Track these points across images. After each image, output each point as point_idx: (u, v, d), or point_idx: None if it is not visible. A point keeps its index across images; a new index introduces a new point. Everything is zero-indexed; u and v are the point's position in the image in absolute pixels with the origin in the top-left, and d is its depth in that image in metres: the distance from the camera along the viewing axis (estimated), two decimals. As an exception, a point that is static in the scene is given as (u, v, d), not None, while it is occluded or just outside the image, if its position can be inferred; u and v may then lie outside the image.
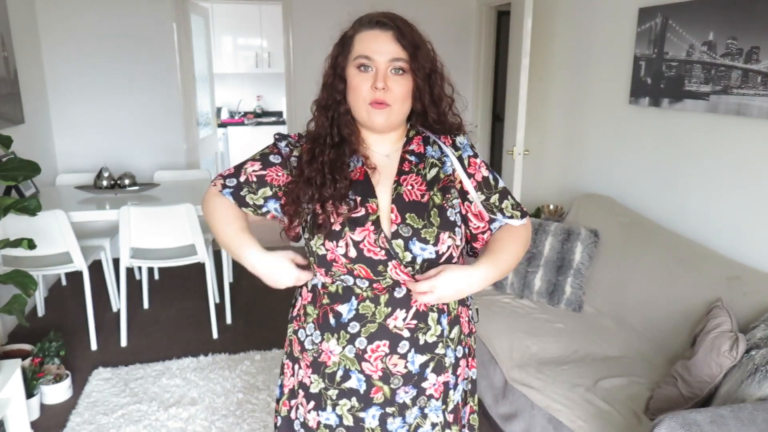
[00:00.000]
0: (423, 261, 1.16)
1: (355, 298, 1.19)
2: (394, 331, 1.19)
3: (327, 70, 1.24)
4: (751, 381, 1.61)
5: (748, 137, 2.32)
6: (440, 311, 1.23)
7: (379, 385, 1.21)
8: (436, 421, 1.25)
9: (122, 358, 3.05)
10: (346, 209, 1.16)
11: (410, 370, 1.20)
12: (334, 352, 1.21)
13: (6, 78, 3.43)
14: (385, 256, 1.15)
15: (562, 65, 3.75)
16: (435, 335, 1.22)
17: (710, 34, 2.43)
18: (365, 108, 1.17)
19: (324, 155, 1.19)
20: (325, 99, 1.23)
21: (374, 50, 1.15)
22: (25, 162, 2.48)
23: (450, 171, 1.24)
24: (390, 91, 1.15)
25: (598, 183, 3.37)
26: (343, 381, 1.22)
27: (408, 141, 1.27)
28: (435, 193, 1.21)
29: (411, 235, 1.16)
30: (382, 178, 1.22)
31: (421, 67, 1.17)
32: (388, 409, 1.22)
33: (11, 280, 2.32)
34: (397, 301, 1.18)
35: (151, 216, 3.05)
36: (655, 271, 2.48)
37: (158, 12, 4.25)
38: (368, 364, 1.20)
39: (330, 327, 1.21)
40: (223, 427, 2.47)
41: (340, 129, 1.21)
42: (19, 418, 2.16)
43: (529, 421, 2.03)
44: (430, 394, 1.24)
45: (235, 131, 6.42)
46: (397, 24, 1.17)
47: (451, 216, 1.20)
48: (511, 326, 2.49)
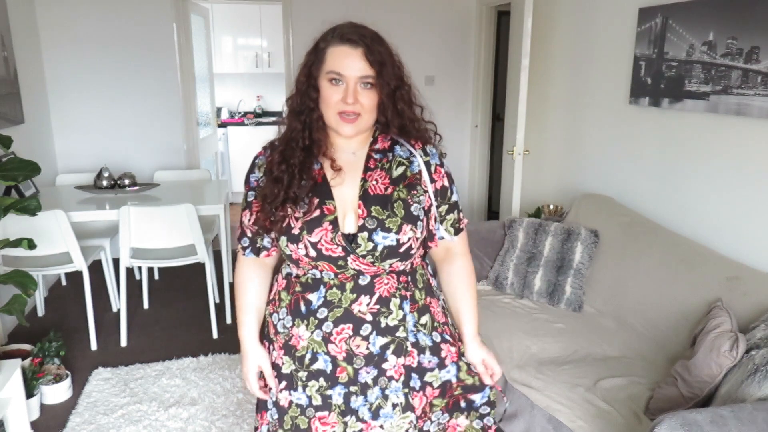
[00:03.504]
0: (384, 248, 1.26)
1: (323, 287, 1.30)
2: (358, 315, 1.30)
3: (300, 77, 1.31)
4: (751, 381, 1.61)
5: (748, 137, 2.32)
6: (402, 297, 1.33)
7: (343, 366, 1.31)
8: (396, 402, 1.33)
9: (122, 358, 3.05)
10: (302, 213, 1.27)
11: (371, 351, 1.31)
12: (303, 337, 1.33)
13: (6, 78, 3.43)
14: (343, 252, 1.25)
15: (562, 65, 3.75)
16: (396, 319, 1.32)
17: (710, 34, 2.43)
18: (335, 118, 1.26)
19: (294, 157, 1.29)
20: (299, 105, 1.31)
21: (344, 66, 1.23)
22: (25, 162, 2.48)
23: (417, 170, 1.34)
24: (359, 103, 1.25)
25: (598, 183, 3.37)
26: (311, 363, 1.33)
27: (374, 140, 1.36)
28: (401, 188, 1.31)
29: (375, 227, 1.26)
30: (348, 173, 1.31)
31: (386, 83, 1.25)
32: (351, 388, 1.32)
33: (11, 280, 2.32)
34: (362, 288, 1.29)
35: (151, 216, 3.05)
36: (655, 271, 2.48)
37: (158, 12, 4.25)
38: (333, 345, 1.31)
39: (300, 314, 1.33)
40: (223, 427, 2.47)
41: (312, 133, 1.30)
42: (19, 418, 2.16)
43: (529, 421, 2.03)
44: (390, 376, 1.33)
45: (235, 131, 6.42)
46: (366, 42, 1.24)
47: (414, 211, 1.30)
48: (511, 326, 2.49)
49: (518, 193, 3.66)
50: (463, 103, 5.06)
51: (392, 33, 1.38)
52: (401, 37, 5.67)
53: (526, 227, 2.91)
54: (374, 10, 4.51)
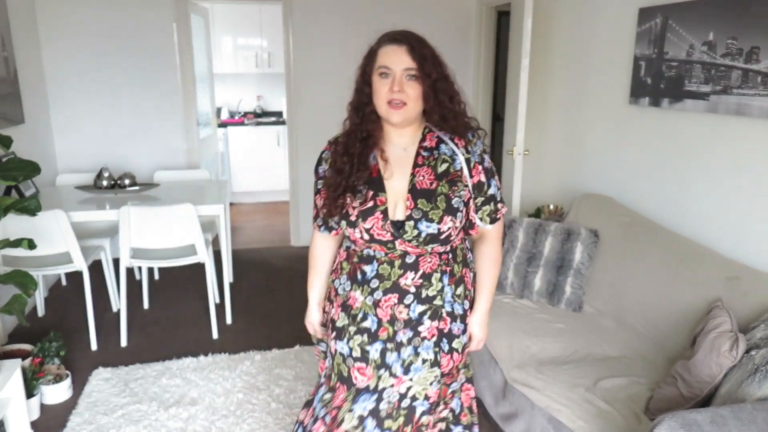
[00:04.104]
0: (426, 235, 1.47)
1: (376, 262, 1.54)
2: (403, 287, 1.52)
3: (358, 78, 1.54)
4: (751, 381, 1.61)
5: (748, 137, 2.32)
6: (443, 272, 1.54)
7: (386, 326, 1.54)
8: (426, 358, 1.54)
9: (122, 358, 3.05)
10: (358, 203, 1.50)
11: (411, 317, 1.53)
12: (358, 299, 1.56)
13: (6, 78, 3.43)
14: (392, 237, 1.48)
15: (562, 65, 3.75)
16: (436, 290, 1.54)
17: (710, 34, 2.43)
18: (385, 107, 1.47)
19: (354, 148, 1.52)
20: (357, 101, 1.54)
21: (392, 61, 1.46)
22: (25, 162, 2.48)
23: (459, 168, 1.53)
24: (404, 93, 1.45)
25: (598, 183, 3.37)
26: (361, 321, 1.56)
27: (423, 138, 1.56)
28: (443, 184, 1.51)
29: (420, 217, 1.47)
30: (400, 168, 1.53)
31: (427, 75, 1.45)
32: (388, 345, 1.54)
33: (11, 280, 2.32)
34: (408, 265, 1.52)
35: (151, 216, 3.05)
36: (655, 271, 2.48)
37: (158, 12, 4.25)
38: (381, 309, 1.54)
39: (357, 281, 1.57)
40: (223, 427, 2.47)
41: (367, 125, 1.52)
42: (19, 418, 2.16)
43: (529, 421, 2.03)
44: (423, 336, 1.54)
45: (235, 131, 6.42)
46: (410, 41, 1.46)
47: (455, 204, 1.50)
48: (511, 326, 2.49)
49: (518, 193, 3.65)
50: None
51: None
52: (401, 37, 5.42)
53: (526, 227, 2.91)
54: (374, 10, 4.51)
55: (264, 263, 4.57)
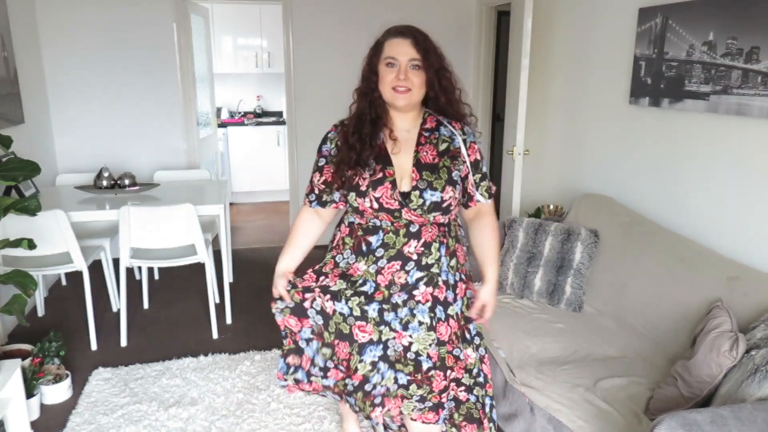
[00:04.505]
0: (430, 203, 1.64)
1: (381, 232, 1.69)
2: (407, 254, 1.68)
3: (365, 66, 1.70)
4: (751, 381, 1.61)
5: (748, 137, 2.32)
6: (441, 243, 1.71)
7: (381, 290, 1.70)
8: (422, 321, 1.70)
9: (122, 358, 3.05)
10: (368, 174, 1.65)
11: (408, 281, 1.69)
12: (360, 269, 1.72)
13: (6, 78, 3.43)
14: (399, 205, 1.64)
15: (562, 65, 3.75)
16: (434, 259, 1.70)
17: (710, 34, 2.43)
18: (390, 93, 1.64)
19: (365, 128, 1.68)
20: (364, 88, 1.70)
21: (398, 52, 1.62)
22: (25, 162, 2.49)
23: (457, 146, 1.71)
24: (409, 80, 1.62)
25: (598, 183, 3.37)
26: (360, 286, 1.72)
27: (423, 121, 1.74)
28: (445, 159, 1.69)
29: (425, 187, 1.64)
30: (405, 147, 1.70)
31: (430, 65, 1.62)
32: (384, 306, 1.71)
33: (11, 280, 2.32)
34: (412, 234, 1.68)
35: (151, 216, 3.05)
36: (655, 271, 2.48)
37: (158, 12, 4.25)
38: (382, 276, 1.70)
39: (362, 252, 1.72)
40: (223, 427, 2.47)
41: (375, 109, 1.69)
42: (19, 418, 2.16)
43: (529, 421, 2.03)
44: (418, 300, 1.69)
45: (235, 131, 6.41)
46: (414, 34, 1.63)
47: (455, 176, 1.68)
48: (511, 326, 2.49)
49: (518, 193, 3.66)
50: (463, 103, 5.05)
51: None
52: (401, 37, 5.38)
53: (526, 227, 2.91)
54: (374, 10, 4.50)
55: (264, 263, 4.56)
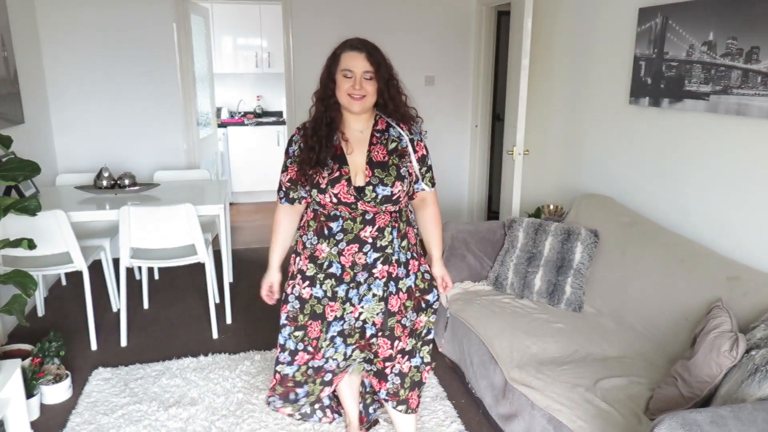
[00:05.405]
0: (382, 197, 1.85)
1: (341, 219, 1.89)
2: (363, 238, 1.90)
3: (323, 73, 1.89)
4: (751, 381, 1.61)
5: (748, 137, 2.32)
6: (393, 227, 1.92)
7: (348, 271, 1.93)
8: (376, 293, 1.95)
9: (122, 358, 3.05)
10: (326, 173, 1.84)
11: (367, 262, 1.92)
12: (324, 250, 1.93)
13: (6, 78, 3.43)
14: (354, 199, 1.84)
15: (562, 65, 3.75)
16: (387, 241, 1.92)
17: (710, 34, 2.43)
18: (347, 99, 1.84)
19: (321, 130, 1.87)
20: (322, 93, 1.89)
21: (354, 65, 1.82)
22: (25, 162, 2.48)
23: (405, 145, 1.93)
24: (363, 89, 1.83)
25: (598, 183, 3.37)
26: (327, 268, 1.94)
27: (375, 123, 1.94)
28: (394, 157, 1.90)
29: (378, 183, 1.85)
30: (358, 146, 1.89)
31: (381, 76, 1.84)
32: (351, 285, 1.94)
33: (11, 280, 2.32)
34: (367, 221, 1.89)
35: (151, 216, 3.05)
36: (655, 271, 2.48)
37: (158, 12, 4.25)
38: (344, 257, 1.92)
39: (324, 235, 1.92)
40: (223, 427, 2.47)
41: (331, 113, 1.88)
42: (19, 418, 2.16)
43: (529, 421, 2.03)
44: (376, 276, 1.94)
45: (235, 131, 6.42)
46: (368, 49, 1.83)
47: (403, 172, 1.89)
48: (511, 326, 2.49)
49: (518, 193, 3.66)
50: (463, 103, 5.05)
51: (392, 33, 1.48)
52: (401, 37, 5.71)
53: (526, 227, 2.91)
54: (374, 10, 4.51)
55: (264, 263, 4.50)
